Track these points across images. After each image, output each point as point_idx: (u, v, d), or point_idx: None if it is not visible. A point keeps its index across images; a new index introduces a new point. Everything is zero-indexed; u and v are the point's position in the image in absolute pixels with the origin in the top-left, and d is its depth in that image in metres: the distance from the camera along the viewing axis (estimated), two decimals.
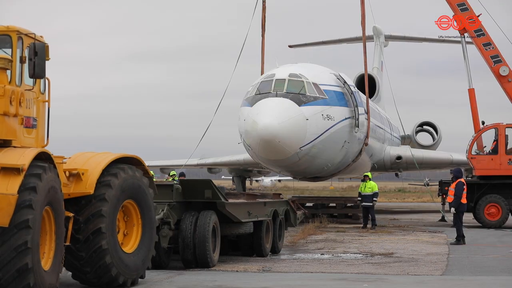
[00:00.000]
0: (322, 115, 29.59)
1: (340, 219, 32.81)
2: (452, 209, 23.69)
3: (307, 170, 32.15)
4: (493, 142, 31.62)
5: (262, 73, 33.81)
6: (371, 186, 30.66)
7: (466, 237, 23.76)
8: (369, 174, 31.69)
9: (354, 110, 31.52)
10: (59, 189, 11.89)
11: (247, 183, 53.19)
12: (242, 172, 46.59)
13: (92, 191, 12.81)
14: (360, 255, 19.97)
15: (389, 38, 53.65)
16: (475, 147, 31.87)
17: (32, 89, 12.23)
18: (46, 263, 11.61)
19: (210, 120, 33.84)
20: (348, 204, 33.72)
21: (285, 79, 29.79)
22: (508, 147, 31.46)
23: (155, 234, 14.47)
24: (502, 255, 20.34)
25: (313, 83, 30.10)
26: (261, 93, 29.54)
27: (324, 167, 31.97)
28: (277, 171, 36.15)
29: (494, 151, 31.43)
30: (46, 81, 12.86)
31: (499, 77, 32.79)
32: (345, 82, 32.14)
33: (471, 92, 33.38)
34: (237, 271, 16.32)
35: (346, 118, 31.08)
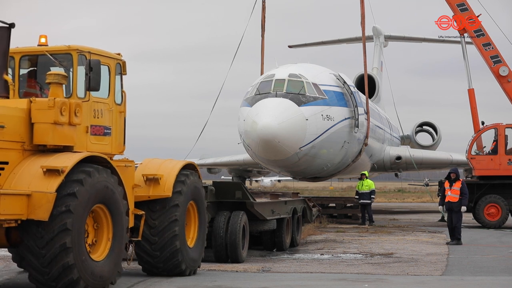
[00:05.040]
0: (322, 115, 29.58)
1: (339, 219, 32.79)
2: (463, 208, 23.35)
3: (306, 170, 32.14)
4: (493, 142, 31.59)
5: (262, 73, 33.78)
6: (368, 184, 31.65)
7: (466, 237, 23.72)
8: (366, 172, 32.39)
9: (354, 110, 31.51)
10: (114, 188, 12.85)
11: (247, 183, 53.17)
12: (241, 172, 46.57)
13: (170, 194, 14.69)
14: (360, 255, 19.94)
15: (389, 38, 53.62)
16: (474, 147, 31.86)
17: (88, 100, 13.20)
18: (101, 254, 12.73)
19: (211, 121, 33.91)
20: (348, 204, 33.71)
21: (284, 79, 29.79)
22: (508, 147, 31.43)
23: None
24: (502, 255, 20.32)
25: (312, 83, 30.09)
26: (261, 93, 29.52)
27: (323, 167, 31.97)
28: (277, 171, 36.14)
29: (494, 151, 31.40)
30: (123, 93, 14.21)
31: (499, 77, 32.80)
32: (344, 82, 32.13)
33: (471, 92, 33.39)
34: (236, 271, 16.30)
35: (345, 119, 31.07)
